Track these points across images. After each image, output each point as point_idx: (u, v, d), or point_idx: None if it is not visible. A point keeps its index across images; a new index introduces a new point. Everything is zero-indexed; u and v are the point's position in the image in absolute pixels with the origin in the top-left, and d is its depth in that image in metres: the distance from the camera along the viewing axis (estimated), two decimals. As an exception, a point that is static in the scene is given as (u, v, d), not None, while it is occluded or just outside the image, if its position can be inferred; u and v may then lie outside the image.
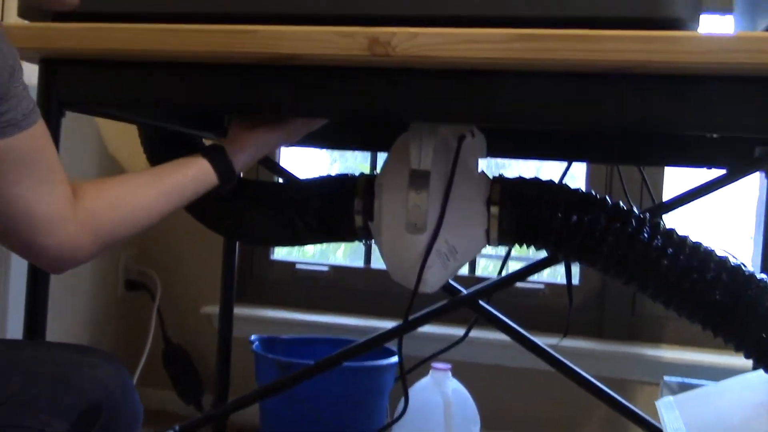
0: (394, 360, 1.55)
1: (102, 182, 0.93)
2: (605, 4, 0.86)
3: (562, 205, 1.15)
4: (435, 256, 1.16)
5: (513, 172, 1.26)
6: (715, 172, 1.36)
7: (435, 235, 1.13)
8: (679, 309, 1.12)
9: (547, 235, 1.17)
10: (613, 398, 1.39)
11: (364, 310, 1.88)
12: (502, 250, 1.67)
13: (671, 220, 1.24)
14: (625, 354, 1.75)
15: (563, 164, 1.44)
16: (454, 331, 1.59)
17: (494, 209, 1.18)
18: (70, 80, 1.07)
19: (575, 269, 1.84)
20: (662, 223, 1.15)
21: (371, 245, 1.95)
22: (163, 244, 2.02)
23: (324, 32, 0.91)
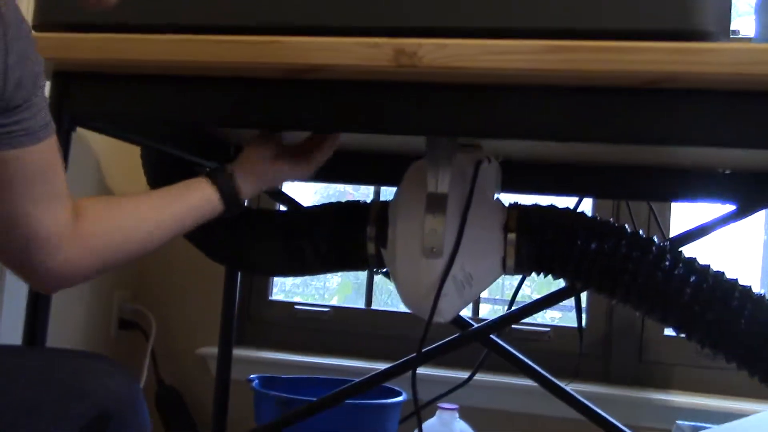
0: (400, 399, 1.49)
1: (104, 203, 0.91)
2: (635, 17, 0.85)
3: (581, 233, 1.13)
4: (451, 283, 1.13)
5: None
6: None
7: (452, 260, 1.10)
8: (702, 340, 1.09)
9: (566, 263, 1.14)
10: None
11: (365, 353, 1.83)
12: (506, 293, 1.64)
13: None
14: (633, 399, 1.70)
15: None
16: (460, 375, 1.54)
17: (511, 236, 1.15)
18: (84, 94, 1.05)
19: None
20: (683, 253, 1.13)
21: (372, 285, 1.92)
22: (159, 283, 1.97)
23: (349, 43, 0.89)
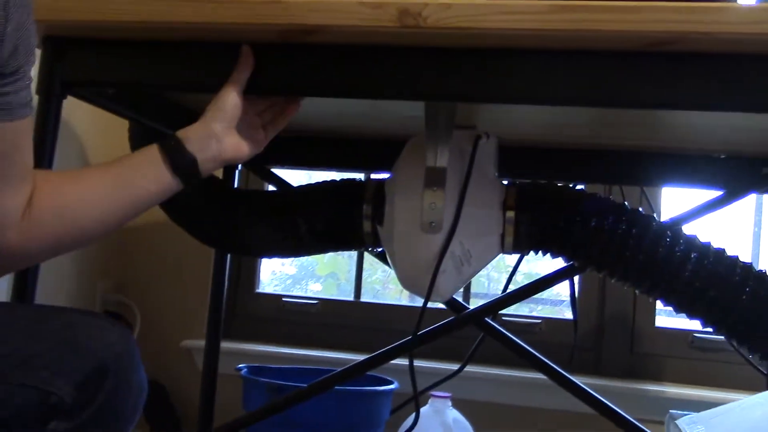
0: (392, 387, 1.46)
1: (58, 184, 0.85)
2: (643, -21, 0.84)
3: (580, 210, 1.11)
4: (449, 259, 1.10)
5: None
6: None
7: (451, 234, 1.08)
8: (705, 317, 1.08)
9: (565, 241, 1.13)
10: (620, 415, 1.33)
11: (353, 346, 1.80)
12: (493, 287, 1.62)
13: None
14: (625, 391, 1.68)
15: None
16: (453, 366, 1.51)
17: (510, 214, 1.13)
18: (75, 59, 1.02)
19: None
20: (684, 230, 1.11)
21: (361, 276, 1.89)
22: (143, 273, 1.93)
23: (352, 3, 0.87)
